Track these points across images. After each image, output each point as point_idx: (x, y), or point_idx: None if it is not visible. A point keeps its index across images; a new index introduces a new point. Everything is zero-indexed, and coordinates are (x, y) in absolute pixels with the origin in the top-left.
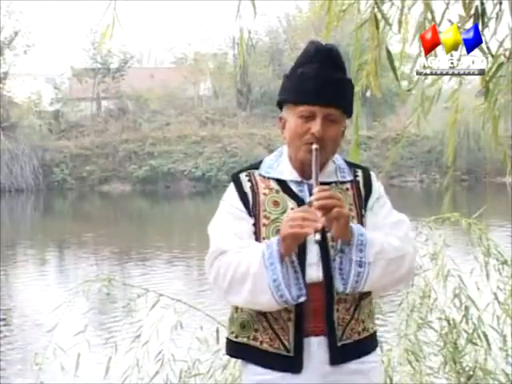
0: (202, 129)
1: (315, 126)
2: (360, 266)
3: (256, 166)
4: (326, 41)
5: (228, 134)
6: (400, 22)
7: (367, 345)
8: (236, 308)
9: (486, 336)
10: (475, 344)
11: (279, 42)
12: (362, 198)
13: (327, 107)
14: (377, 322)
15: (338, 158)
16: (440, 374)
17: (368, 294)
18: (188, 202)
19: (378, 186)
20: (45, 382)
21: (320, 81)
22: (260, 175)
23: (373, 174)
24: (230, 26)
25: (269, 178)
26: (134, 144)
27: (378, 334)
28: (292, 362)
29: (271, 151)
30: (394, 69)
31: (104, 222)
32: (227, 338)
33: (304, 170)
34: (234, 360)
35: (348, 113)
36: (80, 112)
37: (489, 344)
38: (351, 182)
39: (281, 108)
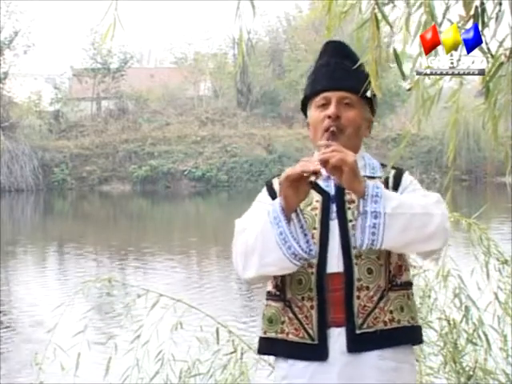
0: (202, 129)
1: (330, 109)
2: (375, 217)
3: None
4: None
5: (228, 134)
6: (401, 24)
7: (395, 336)
8: (266, 305)
9: (486, 336)
10: (475, 344)
11: (279, 42)
12: (391, 189)
13: (340, 91)
14: None
15: (369, 158)
16: (440, 374)
17: (401, 286)
18: (188, 202)
19: (408, 178)
20: (45, 382)
21: (331, 67)
22: None
23: (406, 172)
24: (230, 26)
25: None
26: (133, 144)
27: None
28: (316, 350)
29: (271, 151)
30: (400, 68)
31: (104, 222)
32: (259, 337)
33: None
34: (233, 360)
35: (366, 99)
36: (80, 112)
37: (489, 344)
38: (381, 177)
39: (306, 115)
